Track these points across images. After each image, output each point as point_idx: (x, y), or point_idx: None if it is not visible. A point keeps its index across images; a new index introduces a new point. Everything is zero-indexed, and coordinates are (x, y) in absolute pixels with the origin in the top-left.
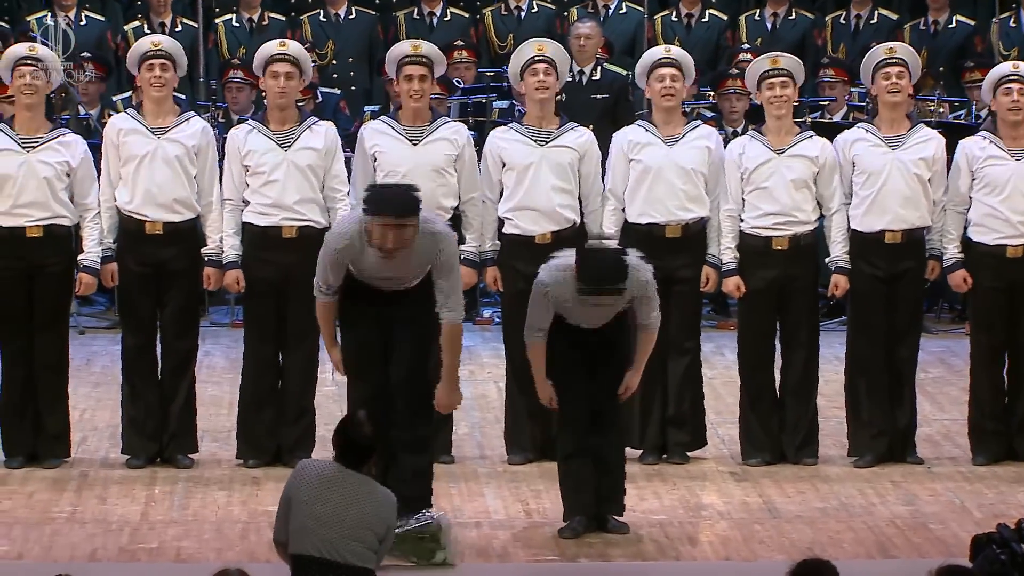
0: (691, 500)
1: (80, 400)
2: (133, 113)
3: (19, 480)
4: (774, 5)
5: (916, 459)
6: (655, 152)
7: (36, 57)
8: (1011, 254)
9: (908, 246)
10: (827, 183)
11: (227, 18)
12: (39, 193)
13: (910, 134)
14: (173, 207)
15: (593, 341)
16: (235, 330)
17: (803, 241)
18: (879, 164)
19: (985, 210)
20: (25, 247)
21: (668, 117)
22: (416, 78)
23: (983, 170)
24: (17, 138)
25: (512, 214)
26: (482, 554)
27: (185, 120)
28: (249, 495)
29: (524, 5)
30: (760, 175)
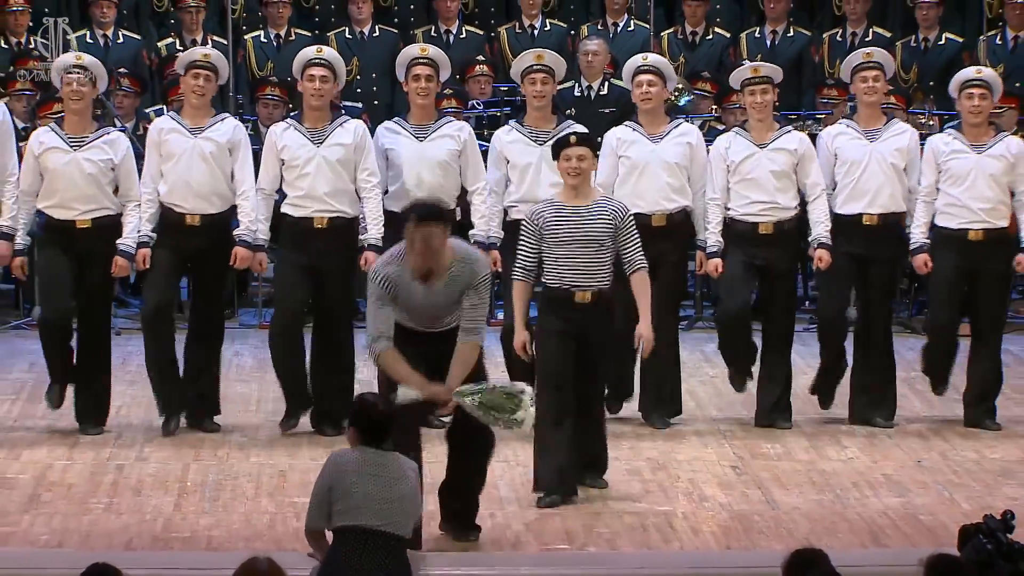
0: (694, 492)
1: (116, 397)
2: (174, 115)
3: (59, 473)
4: (773, 23)
5: (888, 423)
6: (641, 148)
7: (83, 65)
8: (972, 237)
9: (884, 228)
10: (807, 172)
11: (256, 35)
12: (86, 188)
13: (886, 128)
14: (209, 199)
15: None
16: (263, 331)
17: (786, 226)
18: (859, 155)
19: (950, 199)
20: (75, 237)
21: (651, 117)
22: (423, 77)
23: (948, 163)
24: (66, 138)
25: (518, 204)
26: (496, 543)
27: (220, 120)
28: (276, 487)
29: (537, 24)
30: (745, 167)
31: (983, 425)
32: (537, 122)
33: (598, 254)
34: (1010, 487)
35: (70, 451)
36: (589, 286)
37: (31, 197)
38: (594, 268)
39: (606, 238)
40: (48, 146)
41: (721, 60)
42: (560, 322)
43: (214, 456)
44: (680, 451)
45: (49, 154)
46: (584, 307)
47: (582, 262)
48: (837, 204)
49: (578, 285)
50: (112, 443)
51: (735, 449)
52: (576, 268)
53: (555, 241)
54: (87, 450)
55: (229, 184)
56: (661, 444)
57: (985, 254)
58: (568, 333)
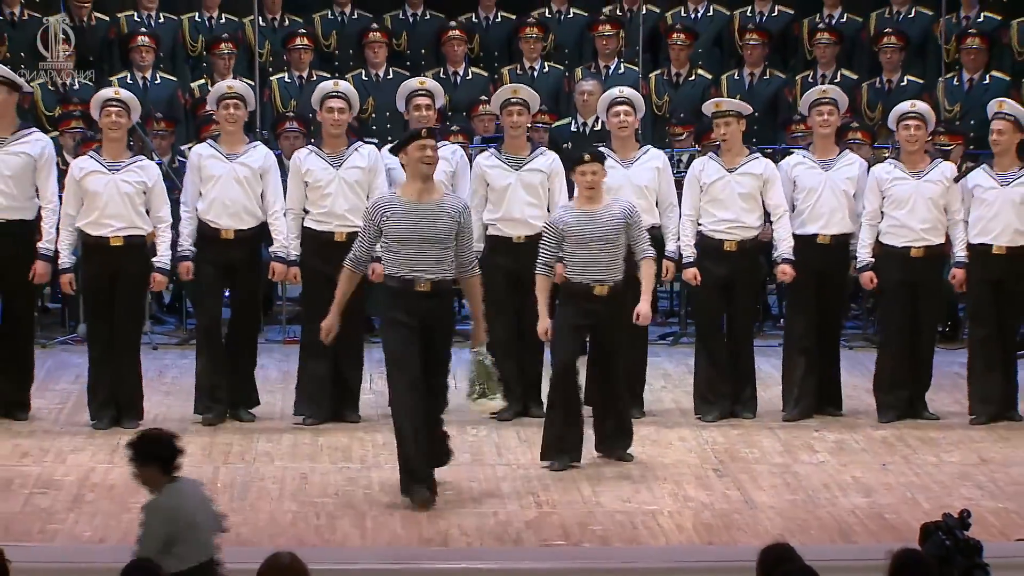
0: (678, 493)
1: (153, 407)
2: (211, 143)
3: (101, 475)
4: (751, 67)
5: (838, 412)
6: (614, 173)
7: (121, 100)
8: (914, 254)
9: (836, 247)
10: (771, 192)
11: (280, 76)
12: (121, 207)
13: (838, 158)
14: (242, 216)
15: (601, 312)
16: (287, 347)
17: (748, 244)
18: (814, 182)
19: (893, 221)
20: (109, 253)
21: (623, 144)
22: (423, 107)
23: (891, 189)
24: (104, 162)
25: (496, 222)
26: (499, 539)
27: (253, 147)
28: (298, 489)
29: (536, 66)
30: (715, 188)
31: (921, 416)
32: (514, 149)
33: (612, 250)
34: (966, 488)
35: (111, 455)
36: (606, 280)
37: (74, 218)
38: (609, 263)
39: (618, 235)
40: (88, 170)
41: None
42: (579, 313)
43: (242, 460)
44: (666, 455)
45: (89, 177)
46: (602, 299)
47: (599, 259)
48: (795, 226)
49: (597, 280)
50: None
51: (716, 453)
52: (595, 264)
53: (575, 241)
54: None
55: (260, 204)
56: (648, 449)
57: (925, 268)
58: (584, 324)
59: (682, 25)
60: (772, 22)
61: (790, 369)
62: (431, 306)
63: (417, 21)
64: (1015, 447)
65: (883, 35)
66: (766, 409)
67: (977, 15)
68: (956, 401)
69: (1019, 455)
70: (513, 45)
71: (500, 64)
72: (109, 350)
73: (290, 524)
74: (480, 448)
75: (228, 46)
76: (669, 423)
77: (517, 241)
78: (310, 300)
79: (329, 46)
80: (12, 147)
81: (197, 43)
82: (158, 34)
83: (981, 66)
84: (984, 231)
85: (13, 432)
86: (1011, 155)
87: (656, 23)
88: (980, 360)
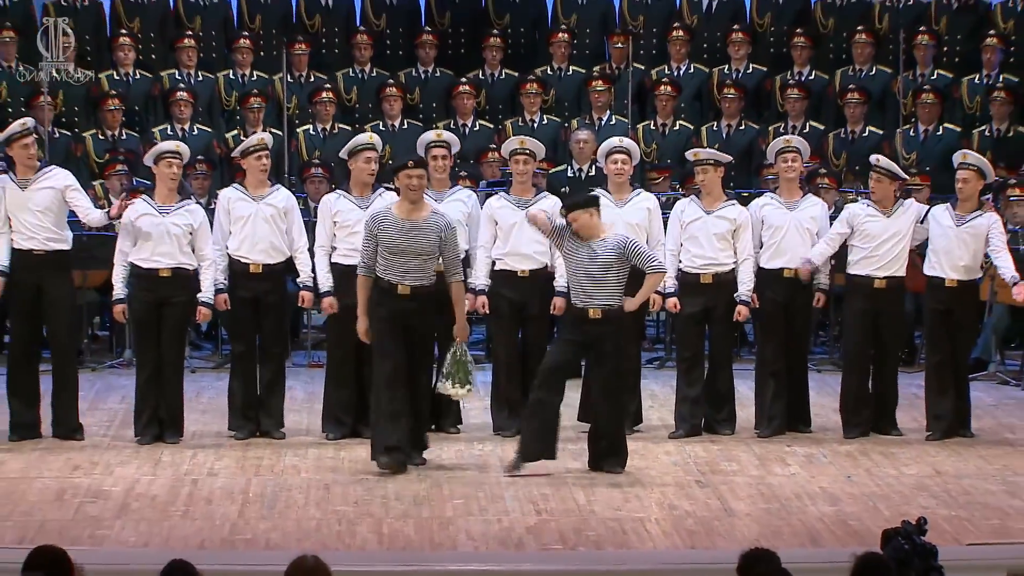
0: (664, 502)
1: (190, 424)
2: (238, 186)
3: (144, 486)
4: (728, 118)
5: (807, 429)
6: (609, 212)
7: (178, 152)
8: (877, 285)
9: (800, 281)
10: (740, 238)
11: (306, 127)
12: (170, 245)
13: (802, 200)
14: (269, 252)
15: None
16: (311, 370)
17: (723, 278)
18: (781, 221)
19: (863, 253)
20: (157, 284)
21: (619, 187)
22: (439, 157)
23: (864, 225)
24: (156, 206)
25: (503, 257)
26: (503, 543)
27: (276, 190)
28: (322, 498)
29: (536, 118)
30: (693, 228)
31: (888, 432)
32: (520, 192)
33: (607, 277)
34: (923, 498)
35: (154, 468)
36: (599, 304)
37: (127, 255)
38: (603, 289)
39: (611, 264)
40: (141, 212)
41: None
42: (576, 332)
43: (271, 472)
44: (653, 468)
45: (143, 218)
46: (597, 321)
47: (595, 285)
48: (763, 260)
49: (591, 303)
50: (187, 461)
51: (698, 466)
52: (590, 289)
53: (574, 270)
54: (167, 467)
55: (284, 240)
56: (637, 462)
57: (887, 299)
58: (579, 340)
59: (667, 80)
60: (747, 78)
61: (762, 390)
62: (413, 307)
63: (429, 78)
64: (966, 461)
65: (847, 91)
66: (743, 426)
67: (931, 73)
68: (914, 419)
69: (970, 468)
70: (516, 99)
71: (504, 116)
72: (156, 373)
73: (314, 530)
74: (486, 461)
75: (258, 100)
76: (656, 439)
77: (522, 275)
78: (334, 328)
79: (350, 100)
80: (38, 184)
81: (231, 98)
82: (196, 90)
83: (935, 119)
84: (938, 265)
85: (66, 447)
86: (973, 200)
87: (643, 79)
88: (935, 382)
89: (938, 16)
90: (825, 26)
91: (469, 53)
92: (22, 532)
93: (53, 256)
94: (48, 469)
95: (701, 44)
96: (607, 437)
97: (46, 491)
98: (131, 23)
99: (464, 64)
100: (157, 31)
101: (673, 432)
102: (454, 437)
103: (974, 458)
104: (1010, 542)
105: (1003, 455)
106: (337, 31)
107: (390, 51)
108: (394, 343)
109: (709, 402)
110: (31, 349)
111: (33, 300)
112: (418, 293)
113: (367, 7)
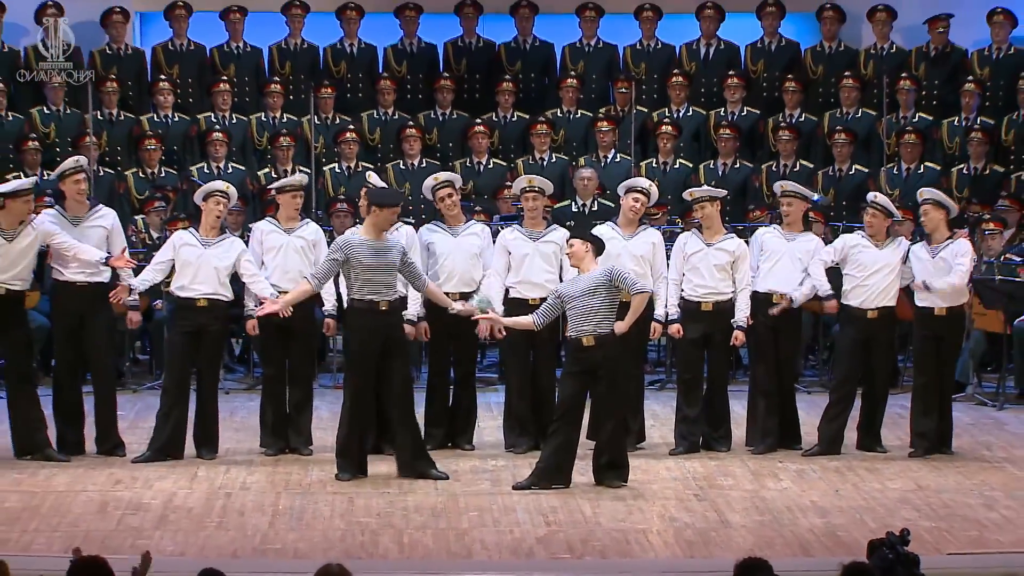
0: (665, 514)
1: (224, 441)
2: (270, 219)
3: (182, 499)
4: (724, 157)
5: (798, 447)
6: (617, 244)
7: (226, 192)
8: (870, 315)
9: (790, 306)
10: (739, 269)
11: (332, 166)
12: (209, 277)
13: (800, 235)
14: (298, 280)
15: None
16: (337, 391)
17: (722, 306)
18: (779, 249)
19: (855, 282)
20: (196, 313)
21: (629, 222)
22: (447, 196)
23: (857, 255)
24: (200, 238)
25: (516, 285)
26: (515, 553)
27: (306, 224)
28: (346, 510)
29: (546, 157)
30: (695, 259)
31: (873, 449)
32: (532, 225)
33: (596, 306)
34: (906, 511)
35: (190, 483)
36: (590, 332)
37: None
38: (590, 317)
39: (601, 291)
40: (184, 243)
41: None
42: (575, 362)
43: (299, 486)
44: (655, 483)
45: (186, 248)
46: (591, 348)
47: (585, 314)
48: (757, 284)
49: (583, 331)
50: (221, 476)
51: (697, 481)
52: (578, 318)
53: (567, 300)
54: (203, 482)
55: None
56: (640, 477)
57: (878, 327)
58: (578, 370)
59: (667, 122)
60: (742, 120)
61: (753, 409)
62: (390, 321)
63: (446, 120)
64: (946, 476)
65: (835, 131)
66: (738, 444)
67: (913, 116)
68: (897, 437)
69: (950, 483)
70: (527, 139)
71: (516, 155)
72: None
73: (339, 540)
74: (499, 476)
75: (288, 140)
76: (658, 455)
77: (533, 303)
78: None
79: (373, 140)
80: (89, 222)
81: (262, 138)
82: (230, 131)
83: (916, 158)
84: (926, 297)
85: (108, 463)
86: (940, 230)
87: (645, 121)
88: (920, 403)
89: (918, 63)
90: (814, 72)
91: (484, 97)
92: (68, 541)
93: (96, 287)
94: (92, 483)
95: (699, 89)
96: (608, 453)
97: (90, 503)
98: (170, 70)
99: (479, 107)
100: (194, 77)
101: (673, 449)
102: (469, 454)
103: (953, 474)
104: (987, 552)
105: (980, 471)
106: (361, 76)
107: (410, 95)
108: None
109: (707, 421)
110: (75, 372)
111: (76, 327)
112: (392, 308)
113: (389, 55)
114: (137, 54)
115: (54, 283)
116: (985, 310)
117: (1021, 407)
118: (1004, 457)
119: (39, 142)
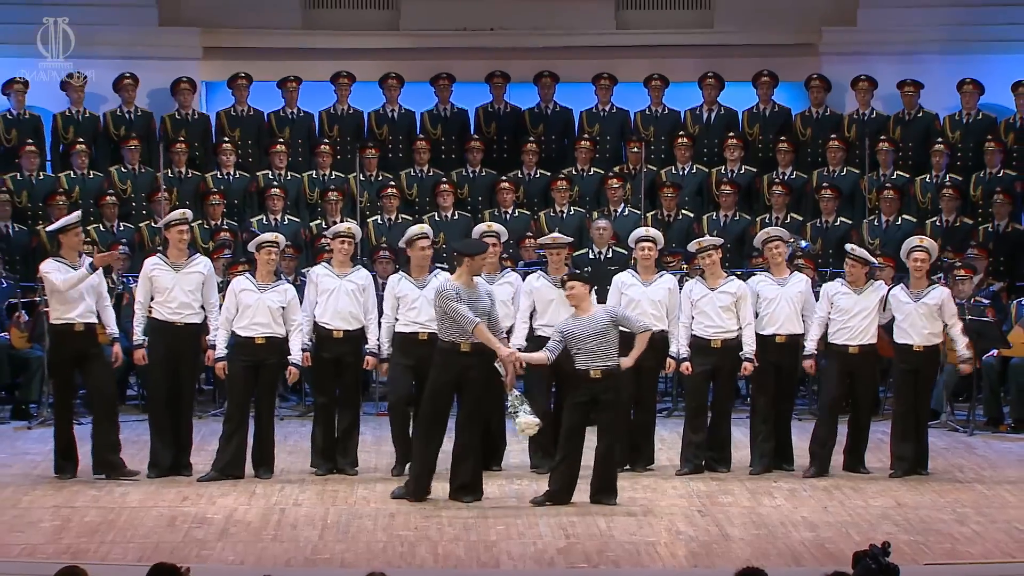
0: (672, 528)
1: (279, 463)
2: (326, 265)
3: (241, 514)
4: (725, 209)
5: (790, 468)
6: (636, 290)
7: (275, 242)
8: (852, 351)
9: (788, 344)
10: (742, 308)
11: (375, 217)
12: (265, 317)
13: (790, 278)
14: (349, 320)
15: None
16: (379, 418)
17: (729, 344)
18: (773, 295)
19: (838, 324)
20: (255, 349)
21: (646, 270)
22: (491, 246)
23: (837, 301)
24: (256, 284)
25: (541, 326)
26: (537, 562)
27: (357, 269)
28: (387, 524)
29: (565, 209)
30: (702, 304)
31: (857, 470)
32: (556, 272)
33: (602, 343)
34: (887, 525)
35: (249, 499)
36: (599, 366)
37: (229, 323)
38: (600, 353)
39: (606, 330)
40: (243, 288)
41: (689, 233)
42: (579, 392)
43: (346, 503)
44: (662, 500)
45: (244, 294)
46: (598, 380)
47: (593, 350)
48: (758, 328)
49: (592, 365)
50: (276, 494)
51: (700, 498)
52: (589, 354)
53: (575, 338)
54: (260, 499)
55: (361, 311)
56: (649, 495)
57: (861, 362)
58: (588, 402)
59: (669, 184)
60: (740, 177)
61: (754, 435)
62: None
63: (476, 176)
64: (923, 495)
65: (822, 187)
66: (737, 465)
67: (891, 173)
68: (879, 460)
69: (926, 500)
70: (548, 194)
71: (539, 208)
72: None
73: (381, 551)
74: (523, 494)
75: (336, 195)
76: (665, 476)
77: None
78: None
79: (411, 195)
80: (189, 268)
81: (314, 193)
82: (286, 187)
83: (895, 211)
84: (905, 335)
85: (176, 482)
86: (925, 277)
87: (653, 178)
88: (900, 429)
89: (895, 127)
90: (804, 134)
91: (510, 156)
92: (141, 552)
93: (189, 327)
94: (162, 500)
95: (702, 149)
96: (602, 475)
97: (160, 518)
98: (232, 132)
99: (506, 165)
100: (254, 139)
101: (679, 470)
102: (496, 474)
103: (929, 492)
104: (960, 563)
105: (953, 490)
106: (401, 138)
107: (444, 155)
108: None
109: (710, 445)
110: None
111: (171, 362)
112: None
113: (425, 119)
114: (203, 119)
115: (151, 321)
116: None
117: (989, 433)
118: (974, 478)
119: (116, 197)
